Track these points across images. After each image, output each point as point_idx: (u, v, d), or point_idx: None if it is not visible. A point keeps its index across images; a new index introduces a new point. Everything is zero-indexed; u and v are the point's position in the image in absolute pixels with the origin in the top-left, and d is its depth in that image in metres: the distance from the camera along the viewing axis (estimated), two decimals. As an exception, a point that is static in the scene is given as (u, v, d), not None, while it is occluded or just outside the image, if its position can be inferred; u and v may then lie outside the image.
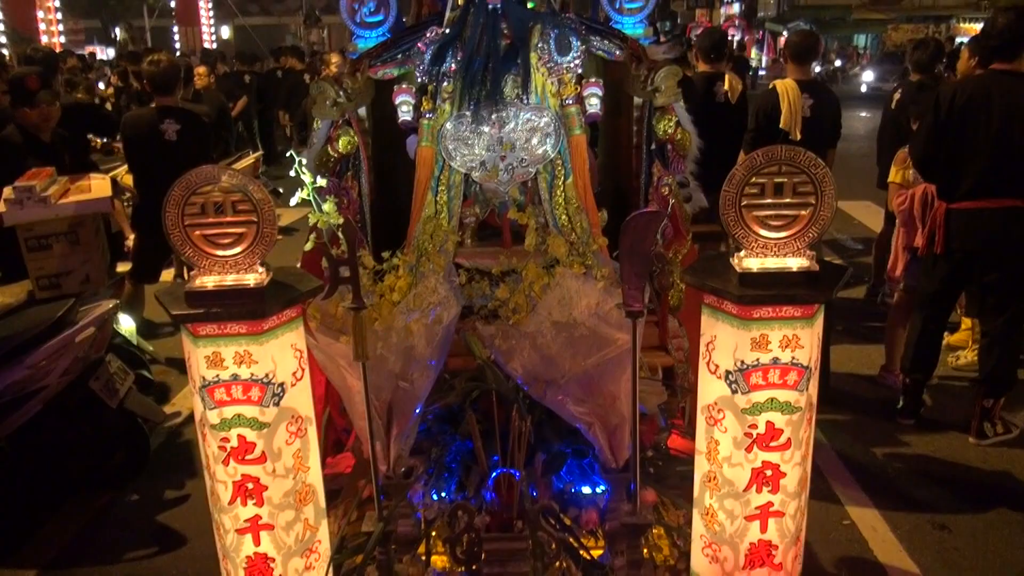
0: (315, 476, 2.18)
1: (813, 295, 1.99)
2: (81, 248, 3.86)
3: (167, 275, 6.43)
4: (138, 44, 18.92)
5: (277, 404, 2.02)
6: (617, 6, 2.95)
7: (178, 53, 17.74)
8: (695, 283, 2.11)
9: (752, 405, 2.03)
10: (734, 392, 2.04)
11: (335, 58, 6.37)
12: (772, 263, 2.01)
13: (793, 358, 2.00)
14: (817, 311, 2.01)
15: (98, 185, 4.11)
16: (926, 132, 4.03)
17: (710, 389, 2.10)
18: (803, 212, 1.98)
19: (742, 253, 2.03)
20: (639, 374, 2.12)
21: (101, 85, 11.26)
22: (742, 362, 2.01)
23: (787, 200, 1.98)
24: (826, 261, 2.12)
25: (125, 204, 6.29)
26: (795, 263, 2.01)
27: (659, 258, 2.75)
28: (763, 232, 2.00)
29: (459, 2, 2.87)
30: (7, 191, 3.75)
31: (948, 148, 3.95)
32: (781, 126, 5.04)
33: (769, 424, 2.04)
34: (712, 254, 2.36)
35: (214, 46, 19.84)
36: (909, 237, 4.46)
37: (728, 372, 2.03)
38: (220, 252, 2.00)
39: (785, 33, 25.17)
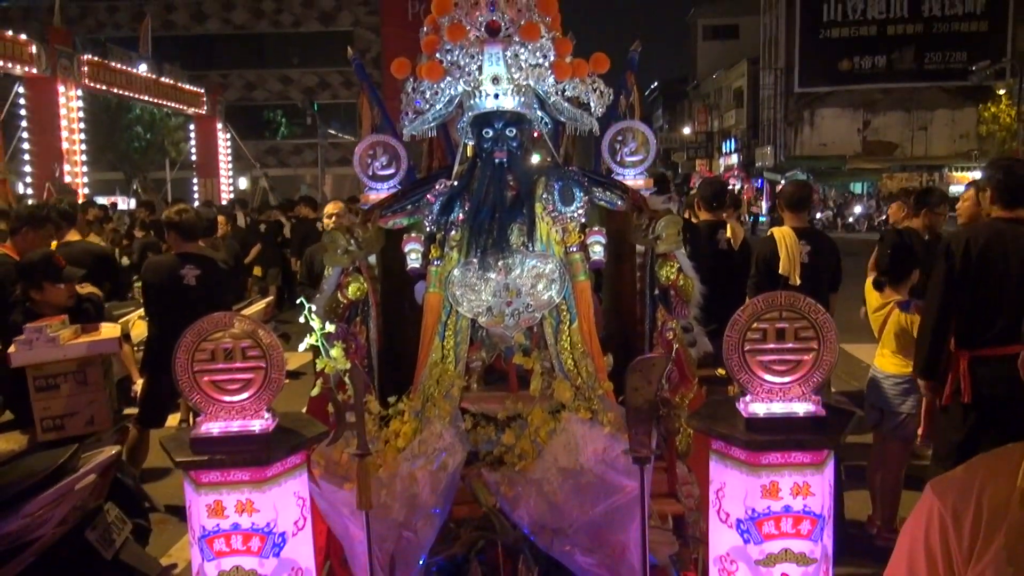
0: (313, 633, 2.10)
1: (821, 440, 1.98)
2: (89, 388, 3.88)
3: (172, 419, 6.39)
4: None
5: (277, 555, 1.97)
6: (618, 159, 3.08)
7: (196, 203, 18.43)
8: (702, 428, 2.10)
9: (766, 556, 1.97)
10: (747, 542, 1.98)
11: (333, 207, 6.35)
12: (778, 408, 2.01)
13: (805, 506, 1.96)
14: (827, 457, 1.99)
15: (108, 330, 4.18)
16: (944, 283, 3.96)
17: (722, 539, 2.04)
18: (806, 357, 2.00)
19: (748, 398, 2.03)
20: (648, 523, 2.07)
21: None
22: (753, 510, 1.97)
23: (790, 345, 2.00)
24: (833, 406, 2.11)
25: (135, 349, 6.36)
26: (801, 408, 2.00)
27: (665, 403, 2.74)
28: (767, 377, 2.01)
29: (468, 155, 3.01)
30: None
31: (968, 296, 3.91)
32: (780, 272, 5.13)
33: (784, 576, 1.98)
34: (718, 399, 2.35)
35: (231, 196, 20.60)
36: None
37: (739, 521, 1.99)
38: (227, 398, 2.01)
39: (783, 182, 26.04)
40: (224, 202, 17.47)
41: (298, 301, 2.34)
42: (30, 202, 12.31)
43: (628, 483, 2.22)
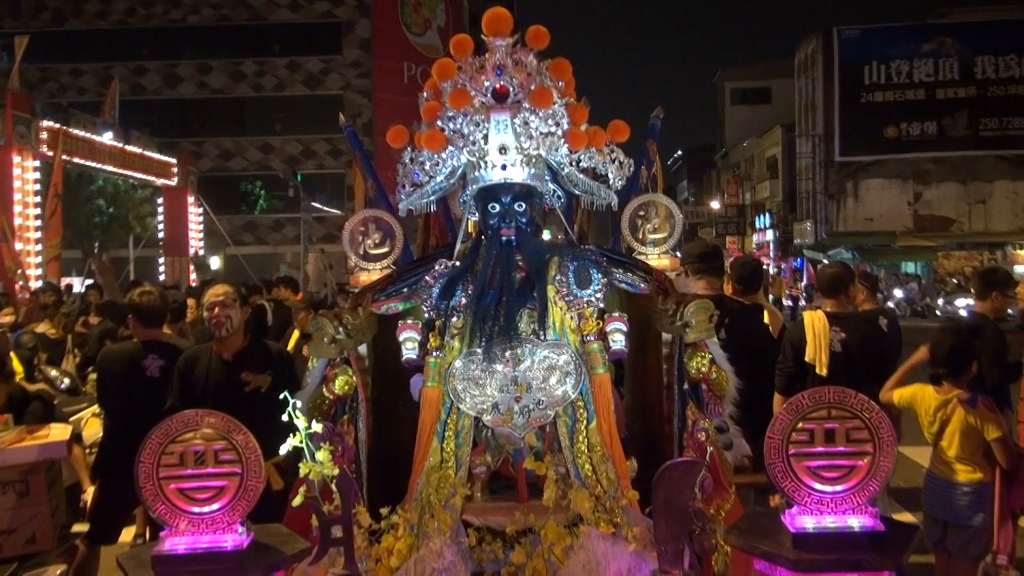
0: None
1: (881, 560, 1.95)
2: (30, 500, 3.83)
3: (127, 533, 6.29)
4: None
5: None
6: (640, 236, 3.12)
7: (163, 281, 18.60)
8: (742, 545, 2.07)
9: None
10: None
11: (217, 292, 5.78)
12: (830, 522, 1.98)
13: (865, 638, 1.92)
14: (888, 579, 1.95)
15: (57, 432, 4.16)
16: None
17: (768, 677, 1.99)
18: (860, 462, 1.99)
19: (795, 510, 2.01)
20: (682, 658, 2.02)
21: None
22: (804, 643, 1.92)
23: (841, 448, 1.98)
24: (893, 519, 2.09)
25: (86, 451, 6.30)
26: (857, 522, 1.98)
27: (699, 515, 2.70)
28: (817, 485, 1.99)
29: (471, 232, 3.06)
30: None
31: None
32: (806, 359, 5.15)
33: None
34: (760, 511, 2.33)
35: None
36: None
37: (789, 655, 1.94)
38: (196, 509, 2.00)
39: (825, 261, 26.16)
40: (193, 283, 17.61)
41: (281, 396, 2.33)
42: None
43: (657, 610, 2.17)
